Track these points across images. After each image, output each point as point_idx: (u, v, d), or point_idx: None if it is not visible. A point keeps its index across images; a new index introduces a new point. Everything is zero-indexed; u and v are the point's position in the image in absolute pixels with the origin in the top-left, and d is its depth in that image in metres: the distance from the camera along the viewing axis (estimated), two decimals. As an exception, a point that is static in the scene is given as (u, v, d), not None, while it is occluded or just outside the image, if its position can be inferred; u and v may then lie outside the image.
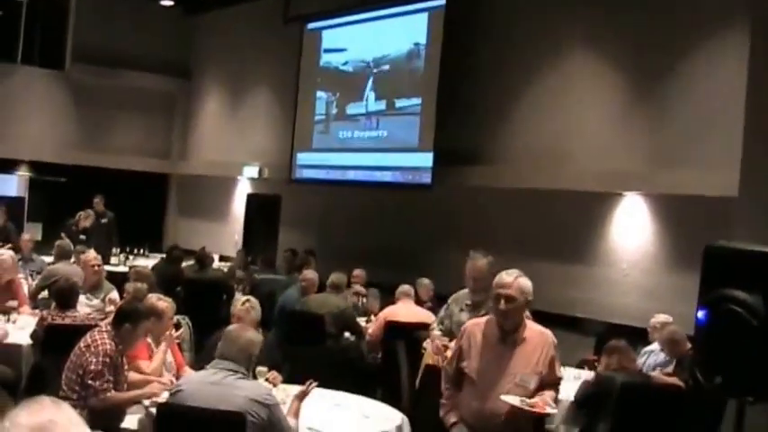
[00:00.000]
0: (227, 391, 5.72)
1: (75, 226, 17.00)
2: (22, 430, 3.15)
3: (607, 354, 8.37)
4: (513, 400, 5.73)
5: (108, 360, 6.70)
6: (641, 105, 12.76)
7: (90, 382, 6.59)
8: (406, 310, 10.92)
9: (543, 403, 5.83)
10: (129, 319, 6.96)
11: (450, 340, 7.20)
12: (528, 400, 5.76)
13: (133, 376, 7.14)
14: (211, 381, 5.83)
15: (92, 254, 11.63)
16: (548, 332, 6.20)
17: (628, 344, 8.56)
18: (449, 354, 6.69)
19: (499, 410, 5.85)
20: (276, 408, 5.81)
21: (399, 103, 16.21)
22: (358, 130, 17.09)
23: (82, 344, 6.86)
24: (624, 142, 12.86)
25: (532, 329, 6.12)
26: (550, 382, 6.10)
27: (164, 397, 6.34)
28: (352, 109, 17.31)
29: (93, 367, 6.63)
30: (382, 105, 16.58)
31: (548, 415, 6.07)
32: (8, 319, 9.73)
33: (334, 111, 17.75)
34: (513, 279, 6.05)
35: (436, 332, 7.82)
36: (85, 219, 17.55)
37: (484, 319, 6.25)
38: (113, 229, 17.94)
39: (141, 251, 18.15)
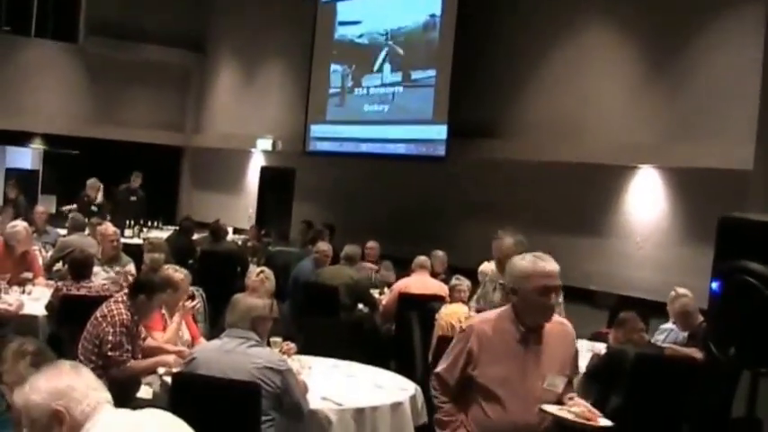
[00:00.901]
0: (240, 359, 5.75)
1: (86, 197, 17.10)
2: (42, 395, 3.19)
3: (616, 326, 8.37)
4: (560, 411, 4.80)
5: (125, 330, 6.74)
6: (657, 78, 12.70)
7: (110, 353, 6.63)
8: (419, 283, 10.93)
9: (594, 415, 4.86)
10: (144, 290, 7.00)
11: None
12: (576, 410, 4.81)
13: (148, 343, 7.19)
14: (224, 349, 5.88)
15: (110, 227, 11.69)
16: (567, 323, 5.27)
17: (637, 315, 8.55)
18: None
19: (535, 425, 4.89)
20: (289, 373, 5.85)
21: (415, 74, 16.15)
22: (373, 102, 17.02)
23: (98, 314, 6.90)
24: (640, 115, 12.81)
25: (551, 322, 5.03)
26: (570, 381, 5.17)
27: (179, 367, 6.37)
28: (367, 81, 17.25)
29: (111, 338, 6.67)
30: (398, 77, 16.51)
31: (604, 429, 4.84)
32: (23, 291, 9.77)
33: (350, 83, 17.69)
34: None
35: (472, 312, 7.49)
36: (96, 190, 17.67)
37: (492, 314, 5.17)
38: (143, 208, 18.03)
39: (155, 224, 18.18)
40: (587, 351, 9.16)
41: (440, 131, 15.31)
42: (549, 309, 4.96)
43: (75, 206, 16.86)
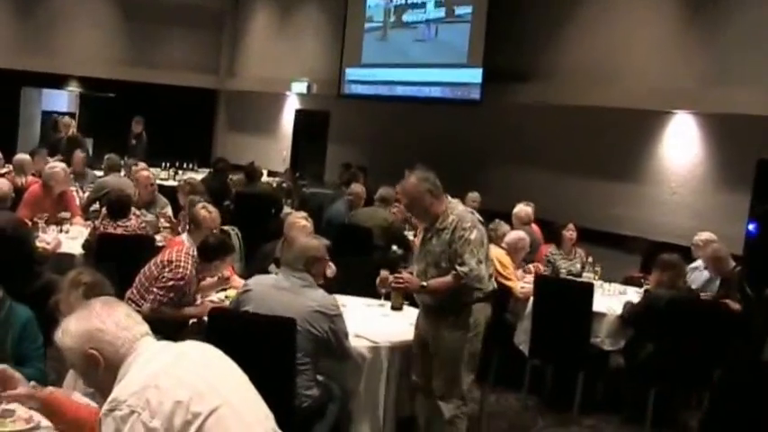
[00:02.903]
0: (292, 299, 5.83)
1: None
2: (74, 338, 3.22)
3: (660, 269, 8.30)
4: None
5: (181, 284, 6.76)
6: (694, 22, 12.55)
7: (155, 289, 6.68)
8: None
9: None
10: (217, 256, 7.02)
11: None
12: None
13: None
14: (278, 286, 5.97)
15: (145, 171, 11.77)
16: None
17: (681, 259, 8.52)
18: None
19: None
20: (339, 319, 5.92)
21: (459, 10, 15.98)
22: (416, 38, 16.91)
23: (165, 258, 6.94)
24: (676, 60, 12.67)
25: None
26: None
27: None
28: (409, 16, 17.10)
29: (164, 281, 6.71)
30: (441, 13, 16.35)
31: None
32: (61, 230, 9.88)
33: (392, 18, 17.54)
34: None
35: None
36: (137, 124, 17.92)
37: None
38: (145, 151, 18.16)
39: (190, 166, 18.25)
40: (619, 294, 9.21)
41: (475, 75, 15.22)
42: None
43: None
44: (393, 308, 6.70)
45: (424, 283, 6.21)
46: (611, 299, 9.01)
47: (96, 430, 3.14)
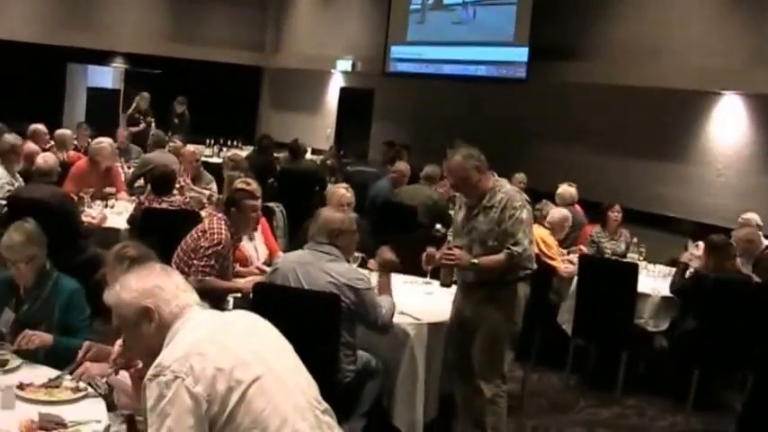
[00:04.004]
0: (317, 273, 5.81)
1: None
2: (132, 293, 3.26)
3: (708, 250, 8.25)
4: None
5: (219, 248, 6.78)
6: (743, 1, 12.40)
7: (195, 261, 6.70)
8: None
9: None
10: (233, 203, 7.07)
11: None
12: None
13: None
14: (303, 261, 5.94)
15: (189, 148, 11.83)
16: None
17: (729, 241, 8.46)
18: None
19: None
20: (366, 292, 5.87)
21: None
22: (453, 20, 16.83)
23: (199, 228, 6.97)
24: (724, 39, 12.52)
25: None
26: None
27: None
28: None
29: (203, 251, 6.74)
30: None
31: None
32: (106, 205, 9.98)
33: (431, 0, 17.50)
34: None
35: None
36: (180, 104, 18.05)
37: None
38: (186, 129, 18.27)
39: (234, 143, 18.31)
40: (664, 276, 9.16)
41: (521, 53, 15.16)
42: None
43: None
44: (442, 284, 6.49)
45: (475, 260, 6.10)
46: (655, 280, 8.98)
47: (141, 395, 3.17)
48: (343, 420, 3.44)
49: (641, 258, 9.63)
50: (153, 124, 17.06)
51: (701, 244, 9.54)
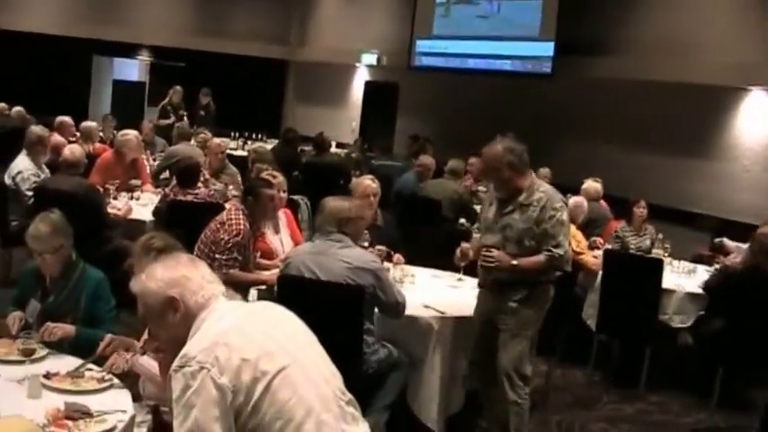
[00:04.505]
0: (331, 261, 5.83)
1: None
2: (158, 282, 3.27)
3: (757, 248, 8.12)
4: None
5: (239, 239, 6.82)
6: (771, -4, 12.34)
7: (217, 255, 6.73)
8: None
9: None
10: (251, 192, 7.09)
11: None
12: None
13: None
14: (315, 251, 5.96)
15: (216, 140, 11.86)
16: None
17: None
18: None
19: None
20: (382, 272, 5.92)
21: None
22: (478, 14, 16.77)
23: (218, 220, 7.00)
24: (752, 35, 12.44)
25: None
26: None
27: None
28: None
29: (224, 244, 6.77)
30: None
31: None
32: (132, 197, 10.01)
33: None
34: None
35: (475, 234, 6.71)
36: (204, 96, 18.10)
37: None
38: (212, 121, 18.26)
39: (259, 136, 18.34)
40: (689, 272, 9.13)
41: (547, 48, 15.13)
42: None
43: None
44: (480, 285, 6.32)
45: (515, 262, 5.93)
46: (679, 276, 8.95)
47: (167, 386, 3.18)
48: (366, 412, 3.43)
49: (666, 254, 9.59)
50: (185, 117, 17.06)
51: (728, 241, 9.52)
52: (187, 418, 3.03)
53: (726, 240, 9.99)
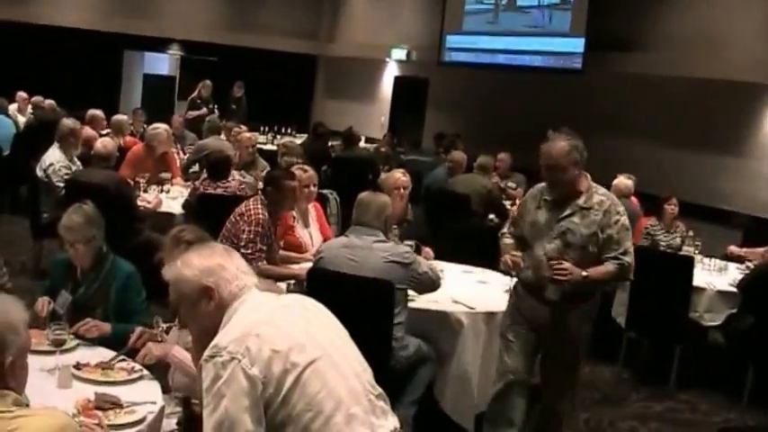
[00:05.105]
0: (367, 255, 5.86)
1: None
2: (193, 270, 3.27)
3: None
4: None
5: (260, 229, 6.85)
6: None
7: (242, 250, 6.74)
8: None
9: None
10: (272, 182, 7.11)
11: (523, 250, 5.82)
12: None
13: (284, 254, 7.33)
14: (352, 245, 5.98)
15: (246, 133, 11.90)
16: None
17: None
18: None
19: None
20: (416, 264, 5.93)
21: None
22: (527, 24, 16.67)
23: (236, 212, 7.04)
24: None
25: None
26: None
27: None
28: (523, 0, 16.93)
29: (245, 236, 6.81)
30: None
31: None
32: (162, 189, 10.06)
33: (504, 1, 17.34)
34: None
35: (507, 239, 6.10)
36: (239, 88, 18.14)
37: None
38: (244, 114, 18.28)
39: (288, 131, 18.36)
40: (720, 270, 9.07)
41: (577, 44, 15.10)
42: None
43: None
44: (548, 301, 5.63)
45: (585, 273, 5.43)
46: (710, 274, 8.89)
47: (197, 376, 3.19)
48: (394, 406, 3.43)
49: (696, 252, 9.53)
50: (216, 110, 17.09)
51: (734, 248, 9.48)
52: (217, 408, 3.04)
53: (732, 248, 9.96)
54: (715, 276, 8.75)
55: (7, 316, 3.08)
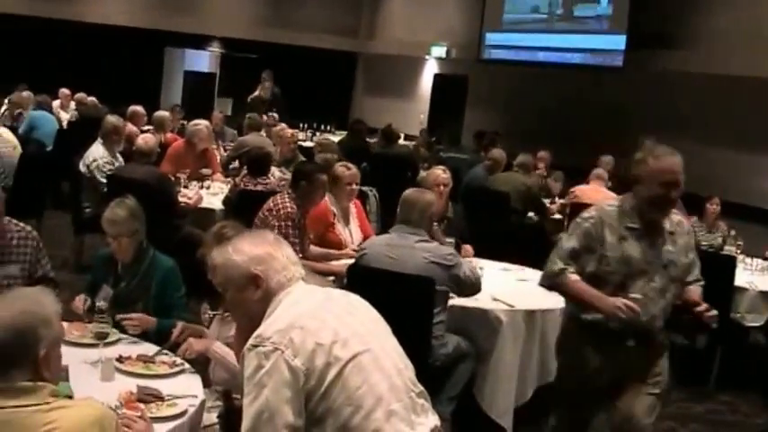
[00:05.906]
0: (410, 254, 5.85)
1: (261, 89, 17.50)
2: (243, 257, 3.28)
3: None
4: None
5: (291, 223, 6.88)
6: None
7: None
8: (592, 192, 10.85)
9: None
10: (304, 176, 7.12)
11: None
12: None
13: (314, 250, 7.33)
14: (395, 243, 5.98)
15: (288, 130, 11.92)
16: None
17: None
18: None
19: None
20: (458, 267, 5.90)
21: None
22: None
23: (265, 208, 7.08)
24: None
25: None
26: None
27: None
28: (580, 11, 16.80)
29: (276, 231, 6.80)
30: (609, 9, 16.04)
31: None
32: (202, 186, 10.11)
33: (559, 11, 17.26)
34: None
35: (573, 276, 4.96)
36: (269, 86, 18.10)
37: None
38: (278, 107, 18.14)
39: (328, 128, 18.39)
40: (763, 270, 9.00)
41: (618, 41, 15.05)
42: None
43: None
44: (610, 332, 4.91)
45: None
46: (752, 274, 8.81)
47: (240, 365, 3.20)
48: (432, 403, 3.42)
49: (738, 252, 9.46)
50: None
51: None
52: (258, 397, 3.04)
53: None
54: (757, 276, 8.67)
55: (39, 308, 3.08)
